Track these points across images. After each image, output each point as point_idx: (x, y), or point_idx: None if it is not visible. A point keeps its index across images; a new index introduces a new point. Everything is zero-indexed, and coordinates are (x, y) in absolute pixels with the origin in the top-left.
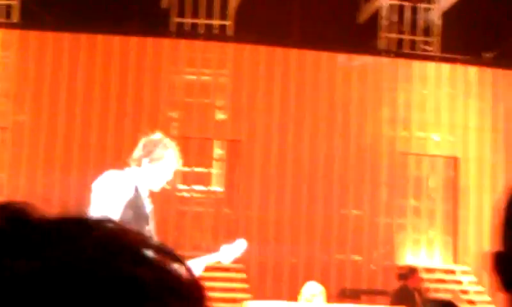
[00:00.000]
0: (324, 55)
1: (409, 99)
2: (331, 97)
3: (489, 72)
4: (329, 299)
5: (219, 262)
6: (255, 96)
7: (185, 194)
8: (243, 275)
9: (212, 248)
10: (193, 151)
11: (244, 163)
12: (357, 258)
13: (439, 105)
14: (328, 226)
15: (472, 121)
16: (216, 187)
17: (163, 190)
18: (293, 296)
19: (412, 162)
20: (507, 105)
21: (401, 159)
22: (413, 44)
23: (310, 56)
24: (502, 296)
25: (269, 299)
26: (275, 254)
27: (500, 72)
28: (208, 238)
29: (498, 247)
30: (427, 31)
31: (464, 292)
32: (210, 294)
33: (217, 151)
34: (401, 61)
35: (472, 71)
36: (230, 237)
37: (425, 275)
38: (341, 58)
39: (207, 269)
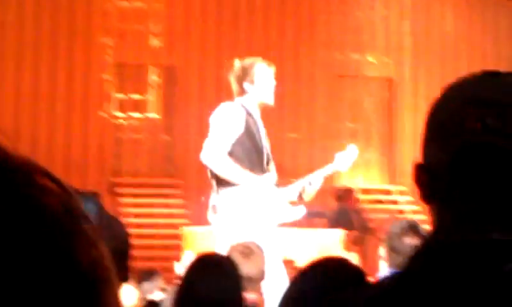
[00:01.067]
0: None
1: (345, 21)
2: (266, 20)
3: None
4: None
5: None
6: (190, 21)
7: (122, 121)
8: (182, 201)
9: (149, 173)
10: (129, 78)
11: (181, 89)
12: (294, 180)
13: (374, 27)
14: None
15: (407, 43)
16: (153, 113)
17: (99, 117)
18: None
19: (348, 84)
20: (441, 27)
21: (337, 81)
22: None
23: None
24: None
25: (208, 224)
26: None
27: None
28: (145, 164)
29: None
30: None
31: (401, 212)
32: (150, 220)
33: (153, 78)
34: None
35: None
36: (168, 163)
37: (361, 196)
38: None
39: (145, 195)
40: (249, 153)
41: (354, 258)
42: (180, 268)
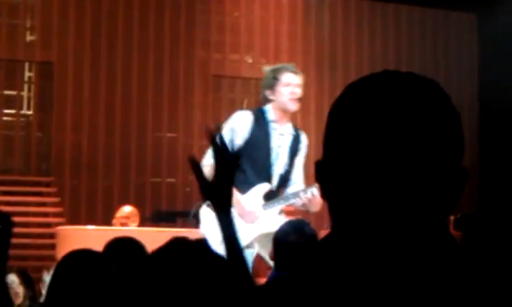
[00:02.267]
0: None
1: (222, 21)
2: (143, 20)
3: None
4: (144, 223)
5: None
6: (66, 16)
7: None
8: (56, 200)
9: (23, 172)
10: (2, 73)
11: (56, 85)
12: (172, 180)
13: (252, 28)
14: (143, 149)
15: (284, 44)
16: (27, 110)
17: None
18: (108, 221)
19: (225, 84)
20: (317, 29)
21: (215, 81)
22: None
23: None
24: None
25: (83, 224)
26: (89, 178)
27: None
28: (19, 161)
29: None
30: None
31: None
32: (23, 219)
33: (28, 74)
34: None
35: None
36: (42, 161)
37: None
38: None
39: (19, 192)
40: (249, 162)
41: None
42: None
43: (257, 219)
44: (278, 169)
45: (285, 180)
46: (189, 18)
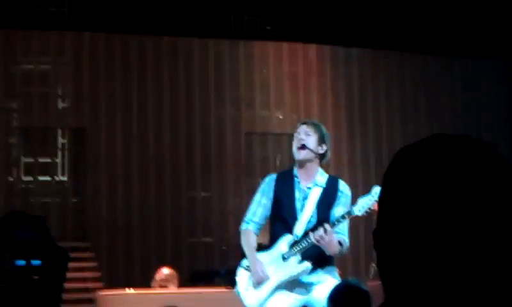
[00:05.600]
0: (165, 39)
1: (252, 79)
2: (172, 80)
3: (328, 49)
4: (183, 283)
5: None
6: (97, 82)
7: (30, 186)
8: (94, 264)
9: (60, 238)
10: (36, 141)
11: (89, 151)
12: (208, 239)
13: (281, 84)
14: (177, 209)
15: (314, 98)
16: (61, 176)
17: (7, 182)
18: (145, 283)
19: (257, 142)
20: (347, 82)
21: (246, 139)
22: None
23: (150, 40)
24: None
25: (121, 287)
26: (125, 242)
27: (339, 49)
28: (56, 228)
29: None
30: (265, 11)
31: None
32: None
33: (61, 140)
34: (241, 41)
35: (312, 48)
36: (79, 227)
37: None
38: (181, 42)
39: None
40: (277, 218)
41: None
42: None
43: (264, 280)
44: (303, 219)
45: (313, 230)
46: (219, 77)
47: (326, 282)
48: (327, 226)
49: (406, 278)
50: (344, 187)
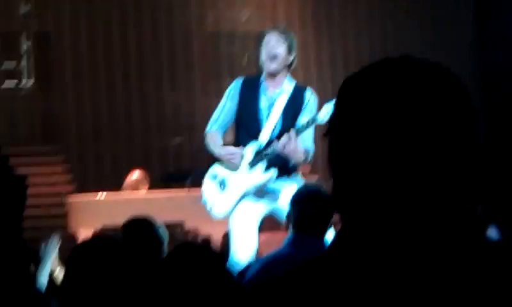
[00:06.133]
0: None
1: None
2: None
3: None
4: (154, 185)
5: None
6: None
7: None
8: (64, 167)
9: (26, 141)
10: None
11: (54, 55)
12: (177, 140)
13: None
14: (145, 111)
15: None
16: (27, 80)
17: None
18: (116, 185)
19: (223, 41)
20: None
21: (212, 38)
22: None
23: None
24: None
25: (92, 190)
26: (95, 144)
27: None
28: (23, 132)
29: None
30: None
31: None
32: (32, 190)
33: (25, 45)
34: None
35: None
36: (47, 131)
37: None
38: None
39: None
40: (241, 125)
41: None
42: (44, 249)
43: (238, 158)
44: (268, 127)
45: (278, 138)
46: None
47: (291, 189)
48: (292, 132)
49: (359, 201)
50: (310, 95)
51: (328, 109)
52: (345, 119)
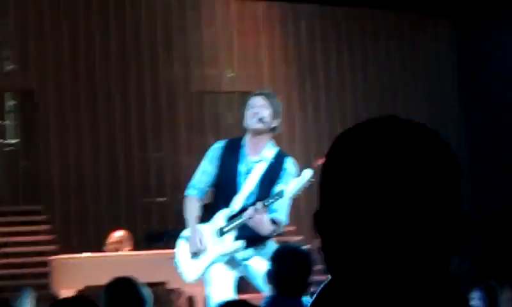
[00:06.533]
0: None
1: (199, 38)
2: (120, 38)
3: (276, 6)
4: (137, 245)
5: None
6: (43, 43)
7: None
8: (47, 227)
9: (10, 200)
10: None
11: (39, 113)
12: (162, 199)
13: (230, 42)
14: (130, 170)
15: (263, 56)
16: (11, 139)
17: None
18: (99, 245)
19: (208, 100)
20: (294, 38)
21: (196, 98)
22: None
23: None
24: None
25: (75, 249)
26: (78, 204)
27: (288, 6)
28: (6, 191)
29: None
30: None
31: None
32: (16, 249)
33: (9, 103)
34: (188, 2)
35: (260, 6)
36: (29, 189)
37: None
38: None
39: (7, 224)
40: (218, 189)
41: None
42: (19, 302)
43: (201, 250)
44: (243, 194)
45: (253, 205)
46: (168, 36)
47: (257, 261)
48: (258, 204)
49: (347, 258)
50: (289, 164)
51: (294, 184)
52: (333, 178)
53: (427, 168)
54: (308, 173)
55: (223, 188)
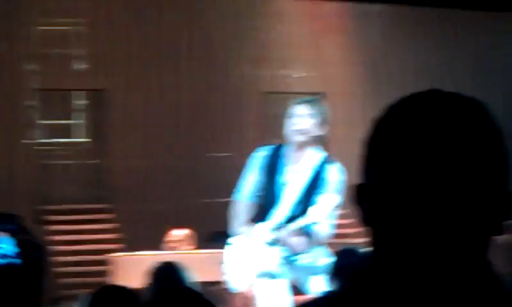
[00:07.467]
0: None
1: (269, 37)
2: (191, 39)
3: (348, 6)
4: (200, 244)
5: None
6: (114, 43)
7: (49, 148)
8: (115, 225)
9: (79, 199)
10: (54, 103)
11: (107, 112)
12: (228, 200)
13: (300, 42)
14: (198, 169)
15: (335, 56)
16: (80, 138)
17: (25, 145)
18: (163, 245)
19: (277, 101)
20: (366, 38)
21: (266, 98)
22: None
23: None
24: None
25: (141, 248)
26: (146, 203)
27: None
28: (77, 189)
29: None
30: None
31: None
32: (82, 247)
33: (79, 102)
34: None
35: (331, 6)
36: (99, 188)
37: None
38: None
39: (75, 221)
40: (261, 199)
41: None
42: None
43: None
44: (285, 206)
45: (297, 217)
46: (239, 36)
47: (300, 272)
48: (287, 226)
49: (392, 231)
50: (329, 172)
51: (314, 212)
52: (379, 152)
53: (471, 142)
54: (313, 211)
55: (265, 199)
